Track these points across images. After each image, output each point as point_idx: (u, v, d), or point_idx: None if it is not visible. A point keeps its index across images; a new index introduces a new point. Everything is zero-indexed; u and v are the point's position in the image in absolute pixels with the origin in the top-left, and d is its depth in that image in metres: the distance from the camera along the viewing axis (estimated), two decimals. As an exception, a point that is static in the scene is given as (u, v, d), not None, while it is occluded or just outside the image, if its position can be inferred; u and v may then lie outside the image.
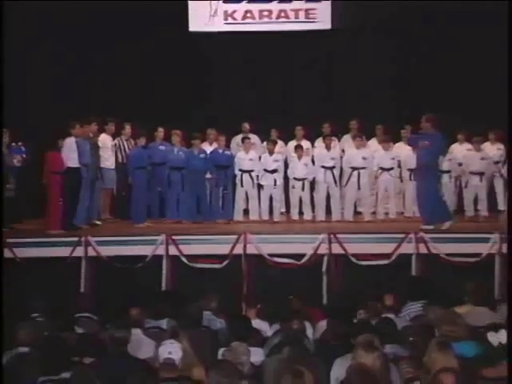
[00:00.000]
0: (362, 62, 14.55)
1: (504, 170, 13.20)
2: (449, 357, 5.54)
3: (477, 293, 7.94)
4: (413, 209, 13.33)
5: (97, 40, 14.24)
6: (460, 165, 13.20)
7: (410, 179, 13.28)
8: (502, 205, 13.49)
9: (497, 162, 13.44)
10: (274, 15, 14.97)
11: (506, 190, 10.29)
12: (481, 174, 13.12)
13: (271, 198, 13.22)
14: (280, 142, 13.92)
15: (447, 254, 10.80)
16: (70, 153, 11.78)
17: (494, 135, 13.44)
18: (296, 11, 14.93)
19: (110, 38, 14.25)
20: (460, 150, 13.35)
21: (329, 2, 14.75)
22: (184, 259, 11.03)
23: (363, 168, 12.99)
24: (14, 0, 12.39)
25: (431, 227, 11.44)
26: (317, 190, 13.33)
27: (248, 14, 15.03)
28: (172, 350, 5.77)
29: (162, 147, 13.37)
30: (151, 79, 14.53)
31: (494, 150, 13.48)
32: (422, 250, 10.94)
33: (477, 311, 7.57)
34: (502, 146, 13.46)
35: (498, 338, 6.38)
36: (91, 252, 11.07)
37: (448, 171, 13.10)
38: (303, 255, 10.97)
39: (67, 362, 5.92)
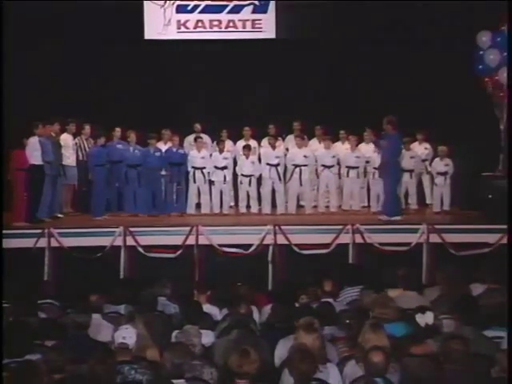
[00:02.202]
0: (303, 68, 14.61)
1: (430, 168, 13.43)
2: (381, 337, 5.63)
3: (406, 278, 8.07)
4: (349, 202, 13.49)
5: (58, 45, 14.02)
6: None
7: (348, 176, 13.42)
8: (428, 199, 13.72)
9: (424, 160, 13.64)
10: (223, 25, 14.93)
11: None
12: (411, 171, 13.28)
13: (221, 193, 13.18)
14: (229, 142, 13.93)
15: (380, 244, 10.95)
16: (33, 151, 11.62)
17: (422, 136, 13.63)
18: (244, 22, 14.92)
19: (72, 44, 14.04)
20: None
21: (273, 14, 14.79)
22: (140, 249, 10.95)
23: (305, 165, 13.05)
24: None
25: (388, 218, 11.63)
26: (263, 185, 13.34)
27: (199, 24, 14.95)
28: (126, 335, 5.75)
29: (119, 146, 13.29)
30: (110, 83, 14.38)
31: (421, 149, 13.67)
32: (358, 240, 11.06)
33: (406, 295, 7.69)
34: (428, 146, 13.68)
35: (425, 319, 6.53)
36: (54, 243, 10.90)
37: (382, 168, 13.27)
38: (250, 245, 11.01)
39: (31, 345, 5.87)
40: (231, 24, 14.94)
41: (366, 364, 5.29)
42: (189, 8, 14.95)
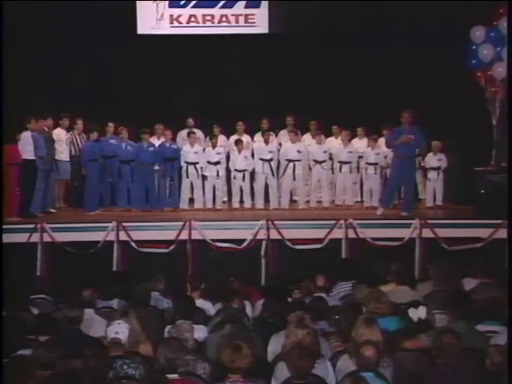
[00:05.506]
0: (296, 62, 14.59)
1: (423, 162, 13.42)
2: (374, 331, 5.63)
3: (399, 273, 8.08)
4: (342, 197, 13.50)
5: (51, 40, 13.97)
6: (385, 157, 13.35)
7: (340, 171, 13.42)
8: (421, 194, 13.74)
9: (417, 155, 13.61)
10: (216, 20, 14.89)
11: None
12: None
13: (214, 188, 13.15)
14: (222, 137, 13.90)
15: (373, 238, 10.94)
16: (26, 146, 11.57)
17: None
18: (236, 16, 14.89)
19: (65, 39, 13.98)
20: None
21: (266, 9, 14.77)
22: (133, 244, 10.91)
23: (298, 160, 13.05)
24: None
25: (409, 214, 11.70)
26: (256, 180, 13.35)
27: (192, 19, 14.91)
28: (118, 330, 5.75)
29: (112, 141, 13.26)
30: (103, 78, 14.33)
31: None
32: (351, 234, 11.04)
33: (399, 290, 7.70)
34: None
35: (418, 313, 6.54)
36: (47, 238, 10.87)
37: (375, 163, 13.28)
38: (243, 240, 10.98)
39: (24, 340, 5.86)
40: (224, 19, 14.90)
41: (357, 358, 5.30)
42: (181, 3, 14.92)
